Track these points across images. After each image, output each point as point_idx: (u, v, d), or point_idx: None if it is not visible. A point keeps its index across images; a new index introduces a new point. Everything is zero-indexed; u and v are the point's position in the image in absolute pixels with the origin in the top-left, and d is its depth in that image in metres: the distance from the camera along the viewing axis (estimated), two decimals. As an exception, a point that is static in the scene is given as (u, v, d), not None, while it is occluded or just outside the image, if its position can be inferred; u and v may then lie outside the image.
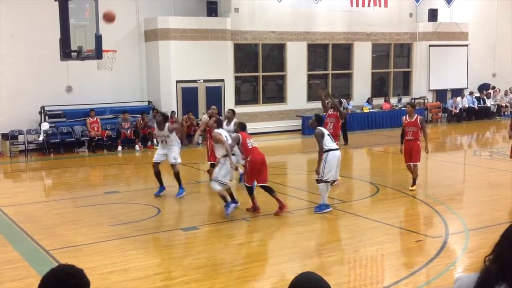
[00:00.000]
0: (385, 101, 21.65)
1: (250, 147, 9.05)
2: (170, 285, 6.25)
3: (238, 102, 19.42)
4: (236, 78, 19.46)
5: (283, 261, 7.04)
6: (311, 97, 20.64)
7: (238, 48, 19.32)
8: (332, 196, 10.42)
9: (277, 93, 20.76)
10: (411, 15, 22.06)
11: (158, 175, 10.67)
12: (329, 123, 11.14)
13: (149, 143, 16.93)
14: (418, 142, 10.81)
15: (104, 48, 10.01)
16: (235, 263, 7.07)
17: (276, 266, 6.88)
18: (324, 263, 6.85)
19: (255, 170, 9.02)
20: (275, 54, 20.53)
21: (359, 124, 20.24)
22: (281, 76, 20.34)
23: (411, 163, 10.82)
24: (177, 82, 17.84)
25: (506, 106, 23.88)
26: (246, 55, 20.01)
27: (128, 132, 16.70)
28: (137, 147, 16.62)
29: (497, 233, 2.53)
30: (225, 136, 9.23)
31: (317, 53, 21.21)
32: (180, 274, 6.54)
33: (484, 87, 23.82)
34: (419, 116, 11.06)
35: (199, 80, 18.18)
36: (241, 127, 9.48)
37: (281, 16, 19.53)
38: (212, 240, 7.97)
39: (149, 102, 18.08)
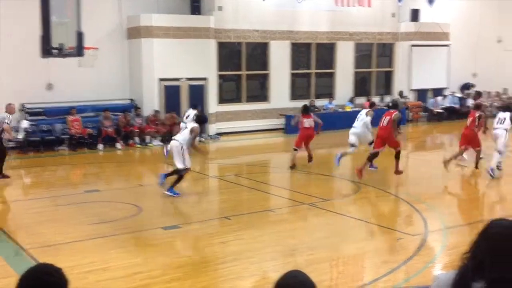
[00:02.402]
0: (367, 100, 21.74)
1: None
2: (151, 284, 6.22)
3: (221, 100, 19.38)
4: (220, 76, 19.42)
5: (265, 259, 7.06)
6: (294, 96, 20.70)
7: (221, 46, 19.27)
8: (314, 194, 10.47)
9: (260, 91, 20.76)
10: (393, 15, 22.20)
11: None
12: None
13: (131, 141, 16.82)
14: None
15: (85, 45, 9.95)
16: (217, 262, 7.06)
17: (258, 264, 6.88)
18: (306, 261, 6.87)
19: None
20: (258, 53, 20.52)
21: (341, 123, 20.29)
22: (265, 75, 20.35)
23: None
24: (160, 80, 17.75)
25: (486, 106, 24.12)
26: (229, 53, 19.97)
27: (110, 130, 16.58)
28: (118, 145, 16.50)
29: (475, 231, 2.56)
30: None
31: (300, 52, 21.24)
32: (161, 273, 6.51)
33: (465, 87, 24.06)
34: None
35: (182, 78, 18.10)
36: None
37: (265, 15, 19.54)
38: (194, 238, 7.95)
39: (131, 100, 17.96)
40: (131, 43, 17.95)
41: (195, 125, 10.37)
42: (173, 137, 10.63)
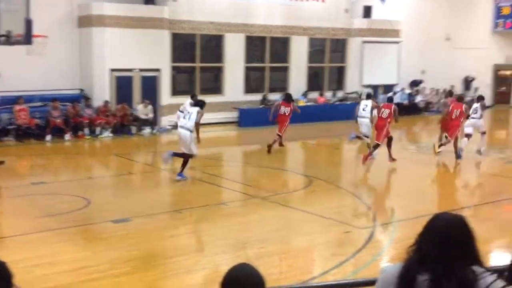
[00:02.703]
0: (320, 95, 22.02)
1: None
2: (99, 278, 6.11)
3: (175, 92, 19.17)
4: (173, 68, 19.20)
5: (216, 252, 7.04)
6: (248, 90, 20.70)
7: (175, 37, 19.04)
8: (266, 188, 10.52)
9: (214, 84, 20.66)
10: (346, 11, 22.48)
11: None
12: None
13: (80, 132, 16.43)
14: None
15: (34, 33, 9.65)
16: (167, 256, 7.00)
17: (209, 258, 6.86)
18: (256, 254, 6.89)
19: None
20: (213, 45, 20.40)
21: (294, 117, 20.40)
22: (219, 68, 20.26)
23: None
24: (111, 70, 17.39)
25: (434, 103, 24.84)
26: (183, 45, 19.76)
27: (58, 121, 16.13)
28: (67, 136, 16.09)
29: (422, 224, 2.62)
30: None
31: (255, 45, 21.25)
32: (109, 267, 6.40)
33: (414, 84, 24.62)
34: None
35: (135, 69, 17.79)
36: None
37: (220, 7, 19.43)
38: (144, 232, 7.84)
39: (81, 90, 17.52)
40: (82, 31, 17.51)
41: (198, 108, 11.26)
42: (180, 126, 11.20)
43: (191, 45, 19.66)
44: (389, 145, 13.02)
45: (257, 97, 20.62)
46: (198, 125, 11.08)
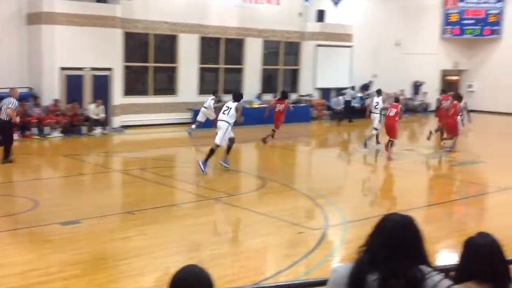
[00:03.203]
0: (274, 97, 22.12)
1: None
2: (48, 281, 5.94)
3: (127, 92, 18.90)
4: (126, 68, 18.93)
5: (169, 254, 6.97)
6: (202, 91, 20.62)
7: (128, 37, 18.78)
8: (220, 189, 10.50)
9: (168, 84, 20.48)
10: (300, 14, 22.71)
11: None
12: None
13: (28, 132, 15.95)
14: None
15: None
16: (118, 258, 6.87)
17: (161, 260, 6.78)
18: (210, 256, 6.86)
19: None
20: (167, 45, 20.23)
21: (248, 119, 20.45)
22: (173, 68, 20.10)
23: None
24: (62, 69, 16.98)
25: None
26: (137, 44, 19.52)
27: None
28: (14, 136, 15.57)
29: (372, 225, 2.67)
30: None
31: (209, 46, 21.20)
32: (58, 270, 6.24)
33: (364, 87, 25.06)
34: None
35: (85, 68, 17.43)
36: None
37: (175, 7, 19.29)
38: (95, 234, 7.68)
39: (29, 88, 17.03)
40: (31, 29, 17.02)
41: (237, 103, 12.23)
42: (219, 119, 12.20)
43: (144, 45, 19.43)
44: (391, 145, 14.24)
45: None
46: (240, 120, 12.30)
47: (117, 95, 18.33)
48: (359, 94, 24.39)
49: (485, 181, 12.65)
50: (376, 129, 15.70)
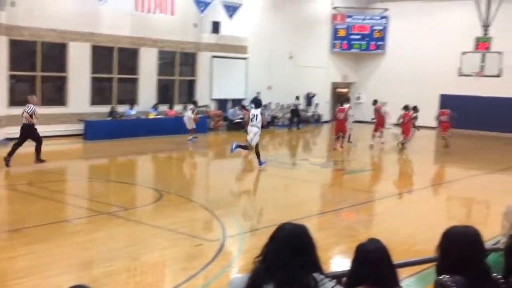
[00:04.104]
0: (170, 108, 21.97)
1: None
2: None
3: (13, 102, 17.83)
4: (11, 77, 17.87)
5: (60, 273, 6.63)
6: (95, 101, 19.99)
7: (14, 44, 17.75)
8: (114, 203, 10.20)
9: (57, 95, 19.59)
10: (195, 25, 22.75)
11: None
12: None
13: None
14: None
15: None
16: (7, 279, 6.43)
17: (52, 279, 6.44)
18: (103, 273, 6.62)
19: None
20: (56, 54, 19.37)
21: (144, 130, 20.17)
22: (62, 77, 19.28)
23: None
24: None
25: (280, 117, 26.08)
26: (23, 52, 18.50)
27: None
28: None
29: (268, 234, 2.71)
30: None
31: (102, 55, 20.59)
32: None
33: (255, 99, 25.41)
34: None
35: (-35, 76, 16.25)
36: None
37: (64, 14, 18.53)
38: (-24, 255, 7.13)
39: None
40: None
41: (260, 109, 14.61)
42: (251, 125, 14.35)
43: (31, 53, 18.47)
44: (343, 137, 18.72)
45: (105, 109, 19.98)
46: (264, 120, 14.77)
47: (1, 106, 17.25)
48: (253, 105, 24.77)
49: (373, 188, 13.34)
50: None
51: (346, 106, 19.23)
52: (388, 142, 20.28)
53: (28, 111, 13.65)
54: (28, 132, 13.70)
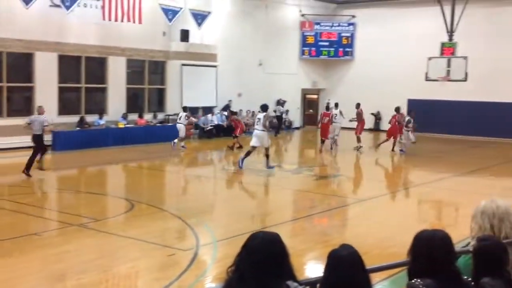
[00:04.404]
0: (140, 116, 21.79)
1: None
2: None
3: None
4: (-25, 88, 17.48)
5: (31, 287, 6.49)
6: (63, 111, 19.70)
7: (-23, 55, 17.40)
8: (85, 214, 10.04)
9: (24, 105, 19.22)
10: (164, 33, 22.64)
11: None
12: None
13: None
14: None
15: None
16: (-29, 296, 6.27)
17: (21, 294, 6.30)
18: (75, 286, 6.51)
19: None
20: (22, 64, 19.03)
21: (114, 140, 19.95)
22: (29, 88, 18.94)
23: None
24: None
25: (250, 125, 26.09)
26: (-13, 63, 18.12)
27: None
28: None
29: (241, 243, 2.70)
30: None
31: (69, 65, 20.33)
32: None
33: (227, 106, 25.47)
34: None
35: None
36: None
37: (30, 24, 18.23)
38: None
39: None
40: None
41: (265, 113, 15.39)
42: (255, 129, 15.44)
43: (-4, 64, 18.11)
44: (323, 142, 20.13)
45: (73, 119, 19.71)
46: (265, 126, 15.14)
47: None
48: (226, 113, 24.81)
49: (345, 193, 13.44)
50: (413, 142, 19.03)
51: (334, 111, 20.28)
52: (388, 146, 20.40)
53: (47, 124, 14.54)
54: (40, 141, 14.30)
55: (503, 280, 2.95)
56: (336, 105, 20.70)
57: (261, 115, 15.33)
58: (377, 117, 28.45)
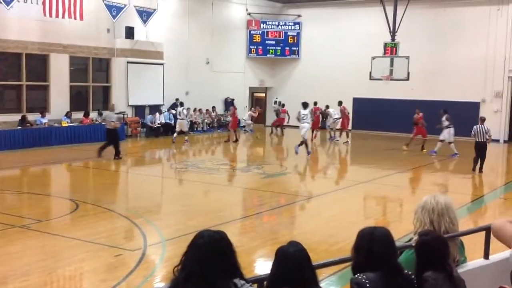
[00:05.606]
0: (85, 115, 21.30)
1: None
2: None
3: None
4: None
5: (-32, 293, 6.25)
6: (3, 110, 19.04)
7: None
8: (27, 215, 9.74)
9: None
10: (108, 30, 22.20)
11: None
12: None
13: None
14: None
15: None
16: None
17: (-42, 300, 6.06)
18: (17, 290, 6.30)
19: None
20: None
21: (57, 139, 19.44)
22: (-34, 85, 18.20)
23: None
24: None
25: (199, 123, 26.00)
26: None
27: None
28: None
29: (189, 241, 2.70)
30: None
31: (9, 62, 19.64)
32: None
33: (175, 105, 25.29)
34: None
35: None
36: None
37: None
38: None
39: None
40: None
41: (309, 109, 18.79)
42: (302, 122, 18.16)
43: None
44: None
45: (14, 117, 19.07)
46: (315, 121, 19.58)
47: None
48: (173, 111, 24.62)
49: (294, 191, 13.58)
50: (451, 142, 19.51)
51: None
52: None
53: (115, 120, 16.73)
54: (113, 134, 16.60)
55: (445, 274, 3.08)
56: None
57: (306, 111, 18.17)
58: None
